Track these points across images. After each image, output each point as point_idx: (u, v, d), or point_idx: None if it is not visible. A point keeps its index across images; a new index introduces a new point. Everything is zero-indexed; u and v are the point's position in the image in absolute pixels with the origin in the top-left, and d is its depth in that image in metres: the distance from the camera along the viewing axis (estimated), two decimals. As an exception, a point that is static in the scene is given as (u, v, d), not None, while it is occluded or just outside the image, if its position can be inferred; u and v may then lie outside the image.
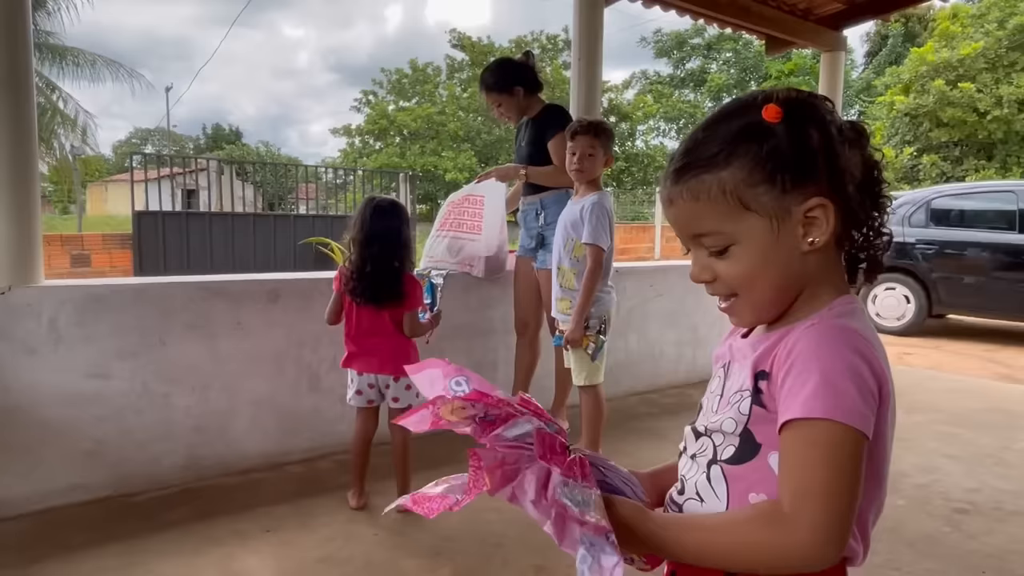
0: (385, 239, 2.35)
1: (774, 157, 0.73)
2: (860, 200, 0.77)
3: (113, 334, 2.47)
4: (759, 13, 4.81)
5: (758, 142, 0.74)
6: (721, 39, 28.26)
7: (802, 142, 0.74)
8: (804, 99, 0.78)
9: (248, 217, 9.89)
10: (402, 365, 2.33)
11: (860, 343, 0.71)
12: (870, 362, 0.70)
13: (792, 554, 0.67)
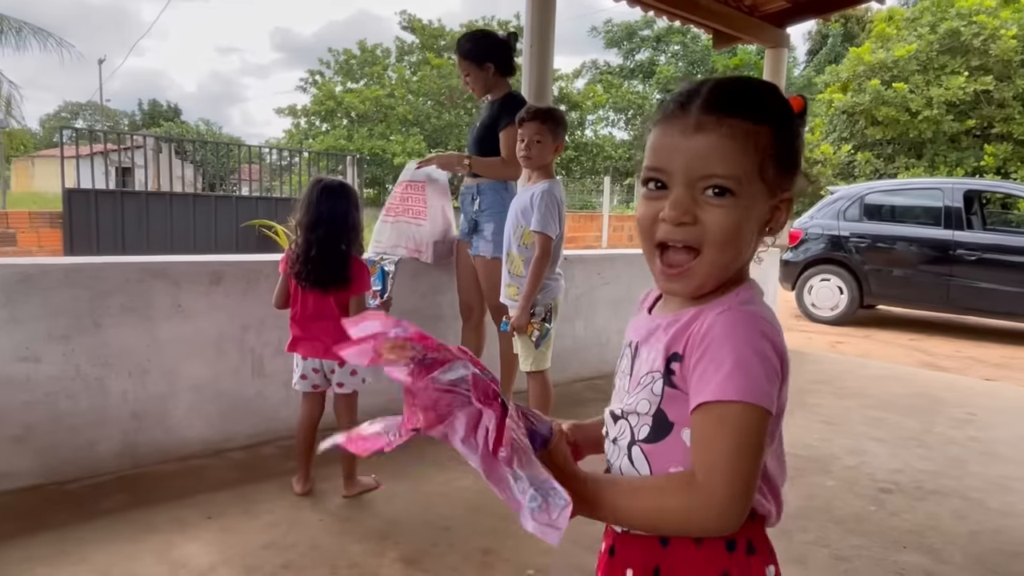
0: (332, 222, 2.30)
1: (788, 143, 0.79)
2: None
3: (43, 316, 2.36)
4: (707, 7, 4.90)
5: (787, 123, 0.80)
6: (670, 32, 28.65)
7: (800, 140, 0.81)
8: (805, 105, 0.84)
9: (187, 197, 9.56)
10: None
11: (767, 327, 0.78)
12: (774, 344, 0.77)
13: (702, 518, 0.74)
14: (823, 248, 7.48)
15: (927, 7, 15.79)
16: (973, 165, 14.44)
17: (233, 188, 13.15)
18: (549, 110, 2.70)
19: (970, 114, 14.59)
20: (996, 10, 14.56)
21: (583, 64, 33.76)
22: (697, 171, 0.77)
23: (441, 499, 2.45)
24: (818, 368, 4.81)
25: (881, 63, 15.10)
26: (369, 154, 23.14)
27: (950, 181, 7.30)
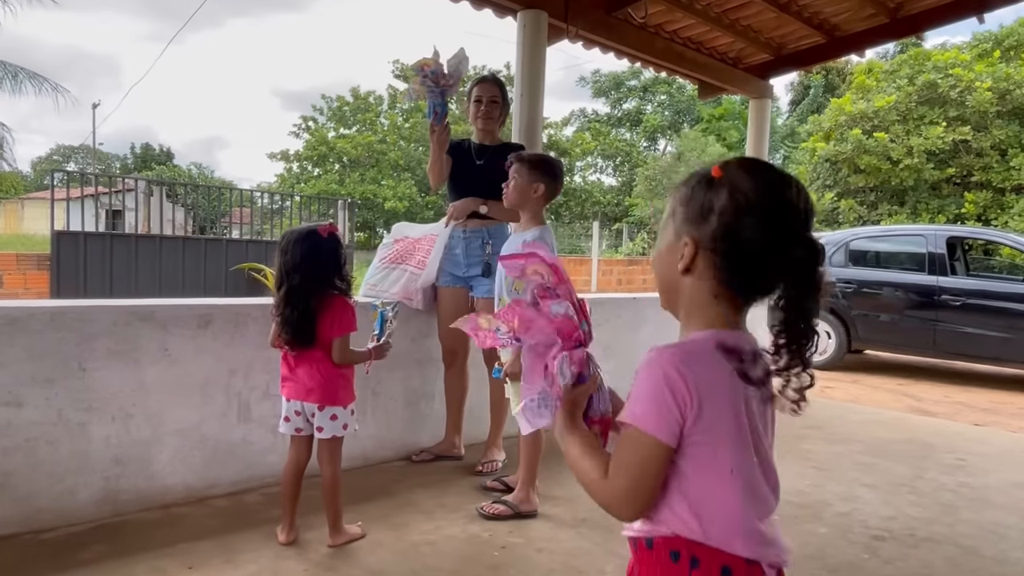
0: (295, 275, 2.24)
1: (693, 199, 0.99)
2: (737, 259, 0.94)
3: (28, 359, 2.33)
4: (692, 59, 5.05)
5: (694, 186, 1.00)
6: (656, 82, 29.37)
7: (709, 199, 0.96)
8: (739, 163, 0.98)
9: (177, 240, 9.55)
10: (330, 394, 2.29)
11: (674, 369, 0.91)
12: (675, 385, 0.90)
13: (606, 504, 0.97)
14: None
15: (905, 60, 16.31)
16: (954, 212, 14.72)
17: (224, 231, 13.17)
18: (541, 156, 2.77)
19: (950, 163, 14.93)
20: (971, 64, 15.06)
21: (572, 112, 34.47)
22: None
23: (429, 548, 2.40)
24: (808, 413, 4.73)
25: (862, 113, 15.51)
26: (361, 198, 23.31)
27: (933, 228, 7.43)
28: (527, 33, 3.80)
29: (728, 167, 0.98)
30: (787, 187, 0.95)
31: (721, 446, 0.93)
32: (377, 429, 3.25)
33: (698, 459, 0.93)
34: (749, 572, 0.94)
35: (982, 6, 4.45)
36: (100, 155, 42.20)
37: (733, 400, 0.93)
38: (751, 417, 0.96)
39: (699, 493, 0.94)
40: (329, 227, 2.31)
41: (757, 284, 0.97)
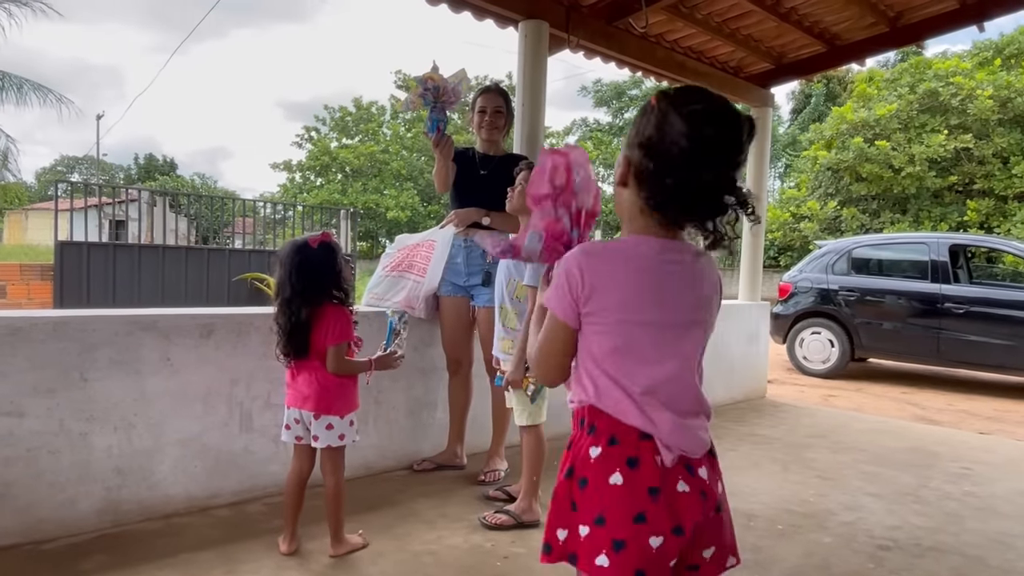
0: (287, 289, 2.26)
1: (634, 123, 1.15)
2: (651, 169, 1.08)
3: (30, 369, 2.33)
4: (693, 68, 5.06)
5: (638, 112, 1.14)
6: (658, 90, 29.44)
7: (642, 125, 1.11)
8: (674, 97, 1.10)
9: (180, 250, 9.58)
10: (325, 403, 2.28)
11: (577, 263, 1.11)
12: (572, 272, 1.11)
13: (531, 369, 1.28)
14: (813, 301, 7.54)
15: (905, 69, 16.36)
16: (957, 220, 14.71)
17: (227, 241, 13.19)
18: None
19: (951, 170, 14.95)
20: (972, 72, 15.10)
21: (573, 122, 34.56)
22: None
23: (431, 558, 2.39)
24: (812, 422, 4.78)
25: (863, 121, 15.54)
26: (363, 208, 23.37)
27: (935, 236, 7.42)
28: (528, 43, 3.82)
29: (662, 98, 1.11)
30: (706, 124, 1.05)
31: (612, 328, 1.11)
32: (379, 438, 3.24)
33: (593, 337, 1.12)
34: (638, 445, 1.09)
35: (982, 15, 4.47)
36: (104, 166, 42.39)
37: (629, 292, 1.10)
38: (666, 310, 1.12)
39: (594, 365, 1.13)
40: (321, 237, 2.30)
41: (672, 206, 1.09)
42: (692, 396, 1.14)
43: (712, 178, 1.06)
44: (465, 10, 3.85)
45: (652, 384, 1.10)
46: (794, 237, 16.47)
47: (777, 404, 5.41)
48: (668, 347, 1.12)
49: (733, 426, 4.55)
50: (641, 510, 1.07)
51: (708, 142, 1.05)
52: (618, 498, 1.08)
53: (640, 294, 1.10)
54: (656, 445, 1.09)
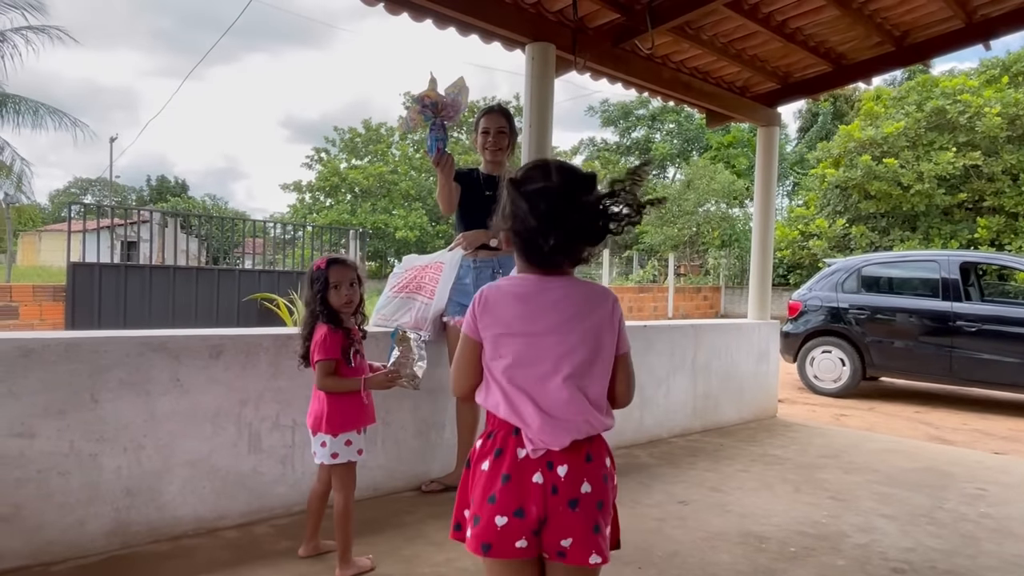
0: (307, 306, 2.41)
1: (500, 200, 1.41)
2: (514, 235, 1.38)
3: (41, 390, 2.35)
4: (700, 89, 5.09)
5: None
6: (665, 111, 29.60)
7: (502, 200, 1.40)
8: (519, 180, 1.37)
9: (191, 271, 9.64)
10: (318, 420, 2.33)
11: (479, 296, 1.41)
12: (475, 304, 1.41)
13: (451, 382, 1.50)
14: (823, 320, 7.50)
15: (913, 87, 16.37)
16: (967, 237, 14.62)
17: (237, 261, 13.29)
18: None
19: (961, 188, 14.89)
20: (979, 89, 15.10)
21: (580, 141, 34.73)
22: None
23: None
24: (824, 442, 4.73)
25: (871, 139, 15.53)
26: (372, 228, 23.50)
27: (946, 253, 7.37)
28: (535, 65, 3.85)
29: (510, 183, 1.37)
30: (541, 200, 1.32)
31: (494, 340, 1.38)
32: (387, 459, 3.23)
33: (486, 349, 1.40)
34: (507, 439, 1.35)
35: (988, 33, 4.48)
36: (117, 187, 42.89)
37: (508, 314, 1.38)
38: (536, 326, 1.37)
39: (487, 375, 1.40)
40: (319, 261, 2.42)
41: (534, 259, 1.39)
42: (563, 398, 1.35)
43: (561, 238, 1.33)
44: (473, 33, 3.90)
45: (524, 386, 1.36)
46: (803, 255, 16.41)
47: (788, 424, 5.37)
48: (539, 356, 1.36)
49: (744, 446, 4.51)
50: (493, 492, 1.33)
51: (545, 213, 1.32)
52: (482, 481, 1.35)
53: (515, 315, 1.38)
54: (523, 439, 1.34)
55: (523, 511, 1.30)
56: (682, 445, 4.49)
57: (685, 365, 4.77)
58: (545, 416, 1.33)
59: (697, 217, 21.75)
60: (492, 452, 1.36)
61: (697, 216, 21.77)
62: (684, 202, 21.92)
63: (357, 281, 2.40)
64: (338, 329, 2.35)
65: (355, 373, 2.37)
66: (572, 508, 1.32)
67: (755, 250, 5.67)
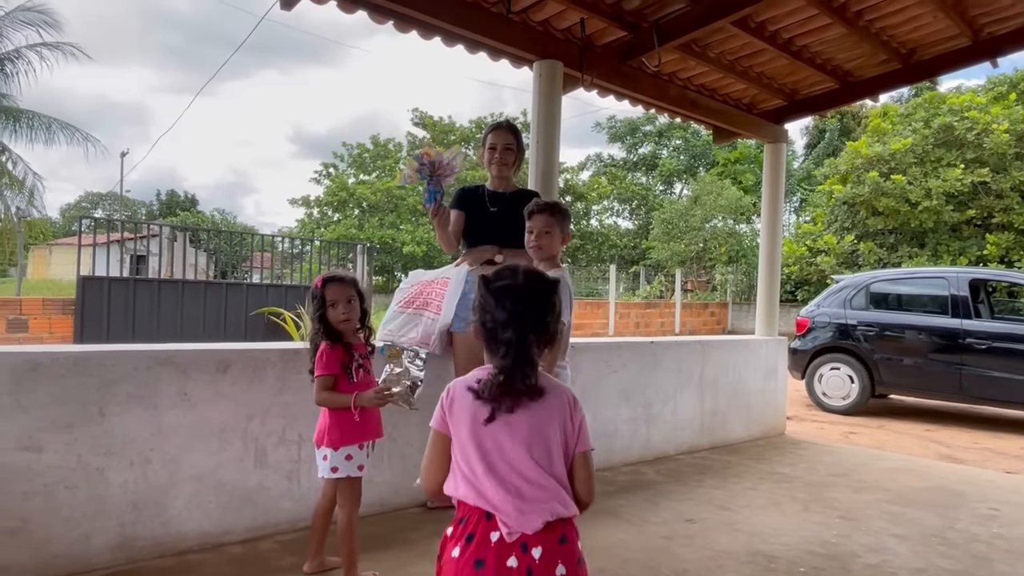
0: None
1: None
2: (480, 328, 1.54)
3: (50, 404, 2.36)
4: (706, 106, 5.11)
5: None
6: (672, 127, 29.68)
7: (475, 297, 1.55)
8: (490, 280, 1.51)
9: (199, 285, 9.69)
10: (320, 434, 2.36)
11: (448, 392, 1.50)
12: (444, 401, 1.48)
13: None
14: (831, 336, 7.46)
15: (920, 104, 16.38)
16: (976, 254, 14.55)
17: (244, 276, 13.34)
18: (556, 203, 2.78)
19: (969, 204, 14.83)
20: (987, 106, 15.08)
21: (587, 157, 34.85)
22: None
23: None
24: (833, 460, 4.68)
25: (878, 156, 15.51)
26: (379, 243, 23.58)
27: (955, 270, 7.33)
28: (543, 82, 3.88)
29: (481, 282, 1.52)
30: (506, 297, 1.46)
31: (457, 438, 1.44)
32: (393, 475, 3.22)
33: (454, 441, 1.45)
34: (479, 524, 1.37)
35: (995, 51, 4.49)
36: (127, 201, 43.25)
37: (468, 414, 1.44)
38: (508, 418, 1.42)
39: (454, 464, 1.44)
40: (317, 279, 2.44)
41: (493, 357, 1.48)
42: (534, 483, 1.39)
43: (514, 333, 1.44)
44: (481, 51, 3.94)
45: (494, 473, 1.39)
46: (811, 271, 16.35)
47: (797, 441, 5.32)
48: (508, 443, 1.40)
49: (753, 464, 4.48)
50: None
51: (511, 311, 1.45)
52: (453, 568, 1.36)
53: (487, 412, 1.42)
54: (497, 523, 1.36)
55: None
56: (689, 462, 4.46)
57: (692, 381, 4.75)
58: (518, 502, 1.37)
59: (704, 233, 21.73)
60: (463, 538, 1.37)
61: (704, 232, 21.75)
62: (691, 218, 21.92)
63: (356, 297, 2.41)
64: (336, 345, 2.36)
65: (357, 389, 2.37)
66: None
67: (762, 266, 5.66)
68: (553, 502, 1.38)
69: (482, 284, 1.52)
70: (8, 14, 15.38)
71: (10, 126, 15.68)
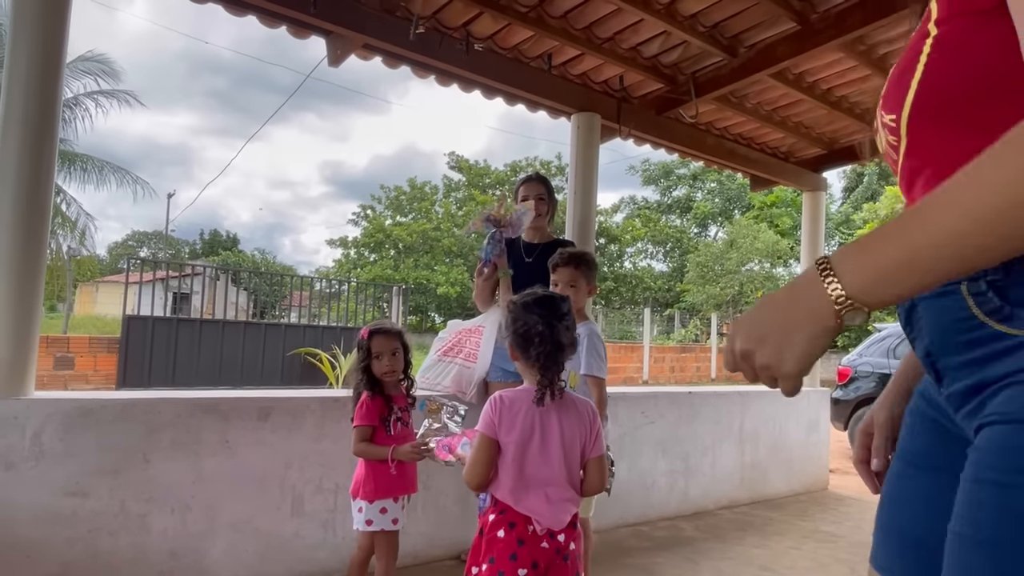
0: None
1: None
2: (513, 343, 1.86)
3: (96, 449, 2.41)
4: (744, 155, 5.11)
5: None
6: (706, 170, 29.67)
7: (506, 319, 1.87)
8: (518, 300, 1.85)
9: (239, 325, 9.90)
10: (356, 486, 2.37)
11: (498, 399, 1.77)
12: (494, 407, 1.75)
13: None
14: (874, 387, 7.24)
15: (961, 148, 16.18)
16: None
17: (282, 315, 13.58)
18: (581, 256, 2.74)
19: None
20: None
21: (621, 199, 35.00)
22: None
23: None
24: (879, 518, 4.50)
25: (919, 201, 15.29)
26: (414, 284, 23.84)
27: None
28: (581, 134, 3.94)
29: (510, 304, 1.84)
30: (528, 315, 1.78)
31: (505, 446, 1.75)
32: (428, 526, 3.20)
33: (502, 452, 1.74)
34: (517, 517, 1.73)
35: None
36: (171, 241, 44.59)
37: (523, 422, 1.75)
38: (543, 430, 1.76)
39: (501, 472, 1.75)
40: (363, 330, 2.48)
41: (529, 361, 1.77)
42: (562, 487, 1.76)
43: (547, 332, 1.76)
44: (520, 103, 4.02)
45: (534, 481, 1.75)
46: (851, 317, 16.05)
47: (840, 497, 5.14)
48: (546, 451, 1.75)
49: (795, 520, 4.33)
50: (514, 552, 1.72)
51: (539, 314, 1.78)
52: (501, 545, 1.72)
53: (529, 426, 1.75)
54: (536, 525, 1.74)
55: (537, 563, 1.73)
56: (729, 518, 4.33)
57: (732, 433, 4.64)
58: (548, 503, 1.74)
59: (740, 276, 21.50)
60: (506, 524, 1.74)
61: (740, 275, 21.52)
62: (727, 261, 21.73)
63: (401, 349, 2.43)
64: (376, 396, 2.38)
65: (395, 441, 2.37)
66: (565, 561, 1.78)
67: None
68: (575, 502, 1.79)
69: (511, 305, 1.83)
70: (70, 63, 16.23)
71: (65, 168, 16.39)
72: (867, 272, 0.62)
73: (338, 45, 3.38)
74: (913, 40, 0.77)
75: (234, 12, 3.12)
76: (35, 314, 2.40)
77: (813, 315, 0.65)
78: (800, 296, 0.66)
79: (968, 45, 0.69)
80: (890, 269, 0.61)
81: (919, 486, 0.84)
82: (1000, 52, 0.66)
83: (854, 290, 0.62)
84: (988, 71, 0.68)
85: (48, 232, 2.47)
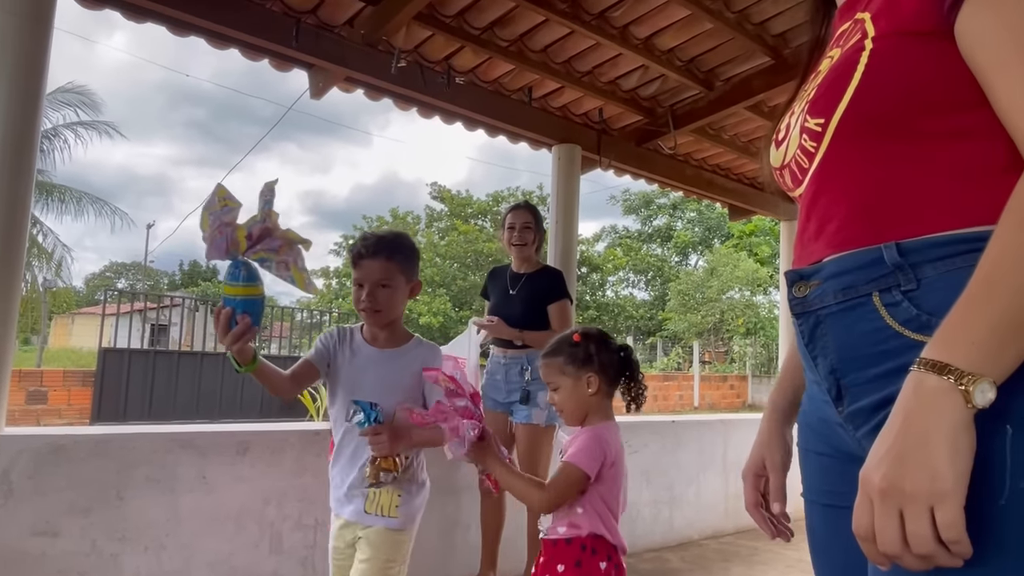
0: None
1: (573, 355, 1.79)
2: (612, 375, 1.83)
3: (68, 487, 2.35)
4: (722, 185, 5.19)
5: (567, 350, 1.81)
6: (685, 200, 30.08)
7: (586, 351, 1.79)
8: (594, 333, 1.85)
9: (218, 356, 9.75)
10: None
11: (600, 438, 1.73)
12: (601, 446, 1.72)
13: (536, 501, 1.73)
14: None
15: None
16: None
17: (263, 346, 13.42)
18: (394, 237, 2.06)
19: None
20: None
21: (603, 228, 35.27)
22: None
23: None
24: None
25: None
26: (396, 313, 23.68)
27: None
28: (561, 165, 3.99)
29: (582, 335, 1.81)
30: (606, 338, 1.85)
31: (612, 479, 1.74)
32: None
33: (604, 487, 1.73)
34: (616, 555, 1.75)
35: None
36: (151, 272, 44.11)
37: (619, 457, 1.78)
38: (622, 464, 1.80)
39: (602, 506, 1.73)
40: None
41: (615, 383, 1.84)
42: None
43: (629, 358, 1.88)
44: (501, 134, 4.06)
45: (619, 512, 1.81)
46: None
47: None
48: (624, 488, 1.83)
49: (780, 550, 4.30)
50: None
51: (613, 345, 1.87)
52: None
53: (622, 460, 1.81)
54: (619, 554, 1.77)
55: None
56: (715, 548, 4.30)
57: (715, 462, 4.63)
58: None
59: (721, 304, 21.68)
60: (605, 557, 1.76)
61: (721, 303, 21.70)
62: (707, 289, 21.92)
63: None
64: None
65: None
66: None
67: (783, 339, 5.61)
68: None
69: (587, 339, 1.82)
70: (50, 95, 16.18)
71: (43, 199, 16.23)
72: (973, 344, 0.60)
73: (320, 78, 3.41)
74: (846, 53, 0.80)
75: (216, 45, 3.14)
76: (7, 348, 2.35)
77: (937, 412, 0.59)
78: (914, 410, 0.61)
79: (905, 61, 0.73)
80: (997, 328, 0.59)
81: (840, 527, 0.79)
82: (934, 72, 0.71)
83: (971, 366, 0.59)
84: (921, 86, 0.72)
85: (23, 264, 2.43)
